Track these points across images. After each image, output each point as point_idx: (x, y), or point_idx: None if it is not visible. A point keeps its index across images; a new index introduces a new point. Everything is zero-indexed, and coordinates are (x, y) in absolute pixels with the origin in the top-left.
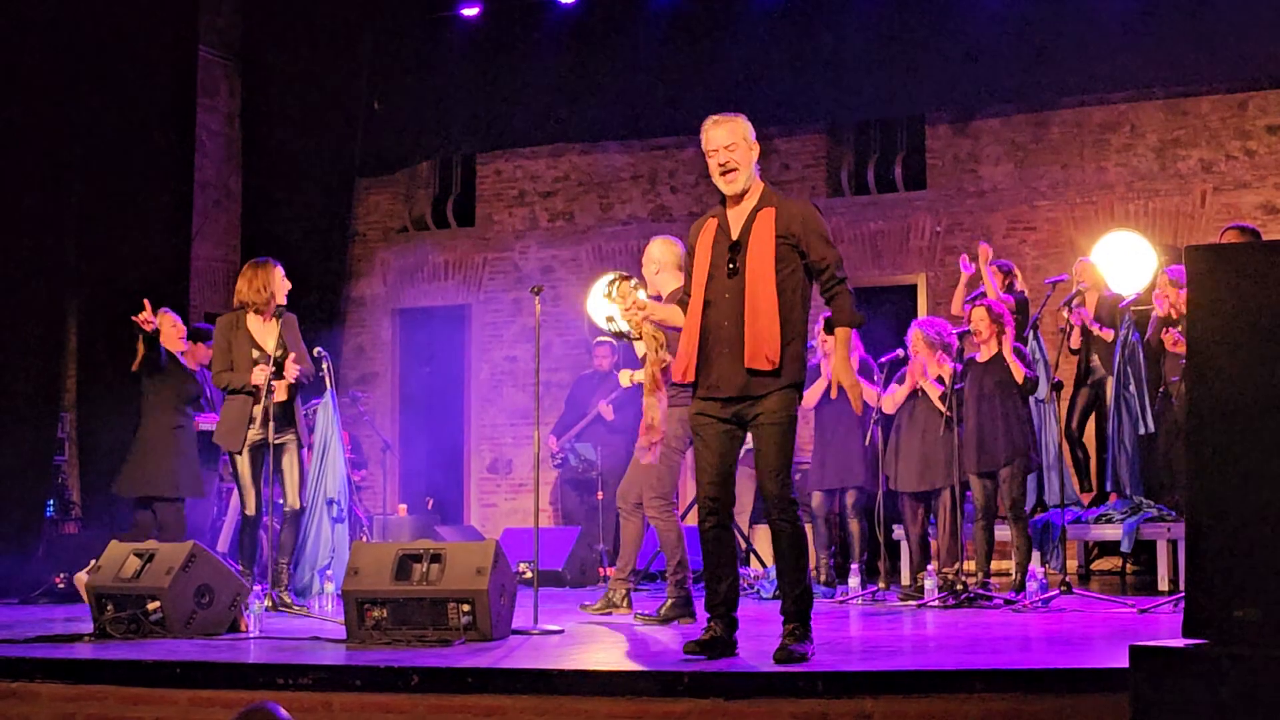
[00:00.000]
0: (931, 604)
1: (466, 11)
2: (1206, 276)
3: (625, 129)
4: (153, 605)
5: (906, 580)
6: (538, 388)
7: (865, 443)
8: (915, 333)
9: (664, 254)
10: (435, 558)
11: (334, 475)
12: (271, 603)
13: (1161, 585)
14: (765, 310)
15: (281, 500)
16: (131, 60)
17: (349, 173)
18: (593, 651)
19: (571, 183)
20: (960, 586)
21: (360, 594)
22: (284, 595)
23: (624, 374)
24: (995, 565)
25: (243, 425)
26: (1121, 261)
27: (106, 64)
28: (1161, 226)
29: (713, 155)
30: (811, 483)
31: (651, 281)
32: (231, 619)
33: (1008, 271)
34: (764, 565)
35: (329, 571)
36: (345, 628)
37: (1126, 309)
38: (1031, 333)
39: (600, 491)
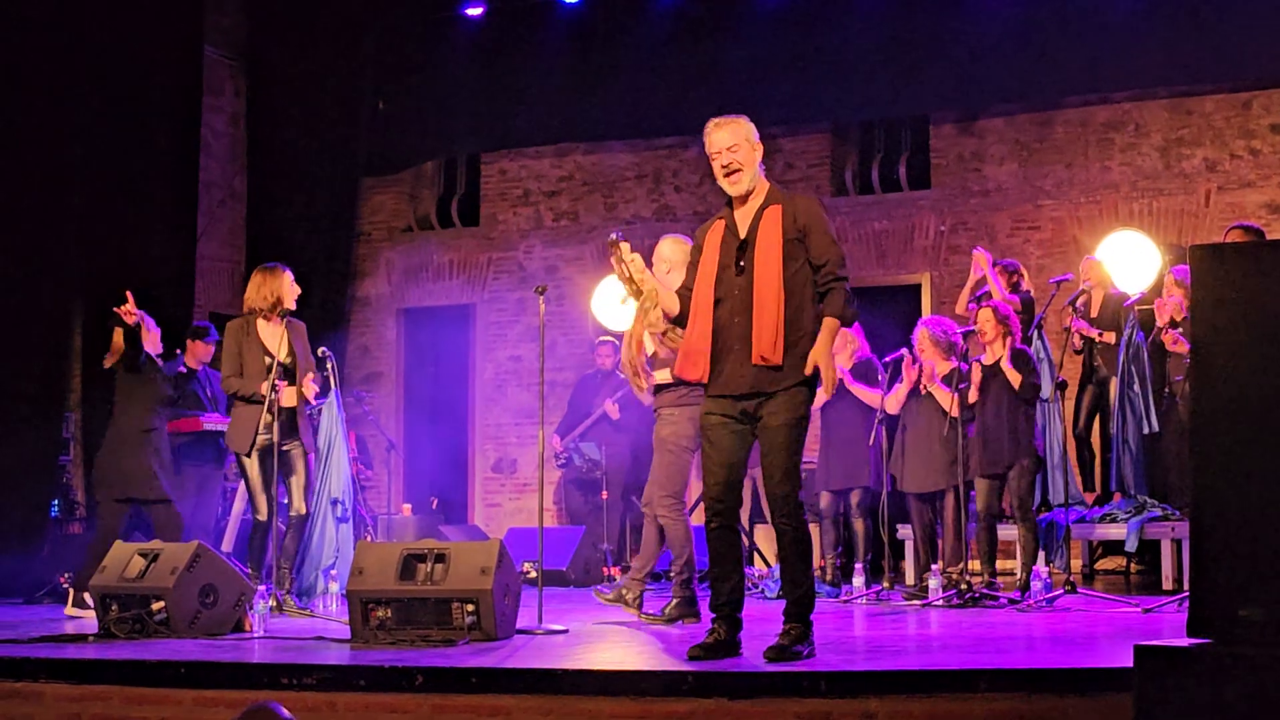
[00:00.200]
0: (936, 604)
1: (471, 11)
2: (1211, 276)
3: (629, 129)
4: (157, 605)
5: (911, 580)
6: (542, 387)
7: (870, 442)
8: (922, 332)
9: (675, 252)
10: (440, 557)
11: (338, 475)
12: (276, 603)
13: (1166, 585)
14: (771, 306)
15: (286, 501)
16: (136, 60)
17: (354, 172)
18: (597, 651)
19: (576, 182)
20: (965, 586)
21: (365, 594)
22: (286, 599)
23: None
24: (999, 565)
25: (252, 428)
26: (1126, 261)
27: (111, 64)
28: (1166, 226)
29: (716, 157)
30: (818, 483)
31: (663, 280)
32: (236, 619)
33: (1013, 271)
34: (768, 565)
35: (333, 571)
36: (350, 627)
37: (1131, 308)
38: (1036, 332)
39: (605, 491)
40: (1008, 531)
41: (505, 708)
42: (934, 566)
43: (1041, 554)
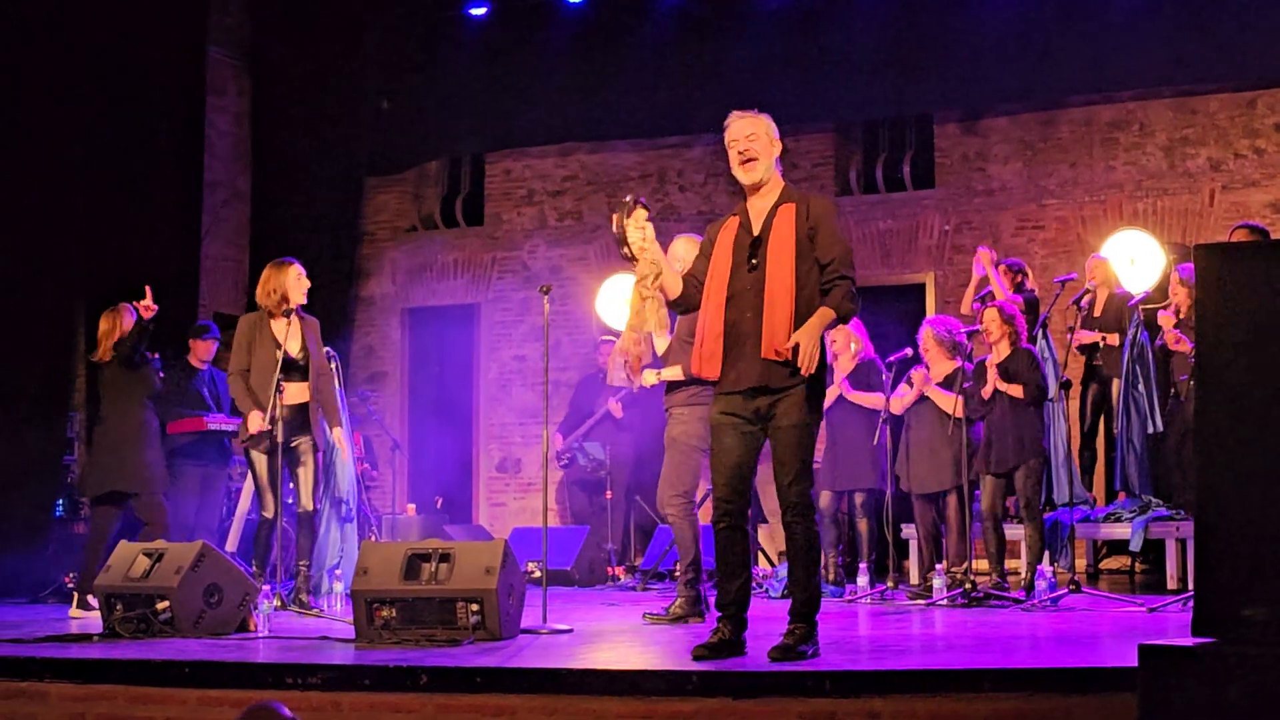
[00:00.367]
0: (940, 603)
1: (475, 11)
2: (1215, 275)
3: (634, 128)
4: (162, 605)
5: (915, 579)
6: (546, 387)
7: (874, 442)
8: (926, 331)
9: (688, 251)
10: (444, 557)
11: (343, 475)
12: (281, 601)
13: (1170, 584)
14: (783, 302)
15: (292, 501)
16: (140, 60)
17: (358, 172)
18: (601, 651)
19: (580, 182)
20: (969, 586)
21: (369, 593)
22: (302, 597)
23: (649, 374)
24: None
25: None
26: (1130, 260)
27: (115, 64)
28: (1170, 225)
29: (733, 145)
30: (821, 483)
31: None
32: (240, 618)
33: (1017, 270)
34: (772, 564)
35: (338, 571)
36: (354, 627)
37: (1135, 308)
38: (1041, 332)
39: (610, 490)
40: (1013, 531)
41: (510, 707)
42: (938, 566)
43: (1046, 553)
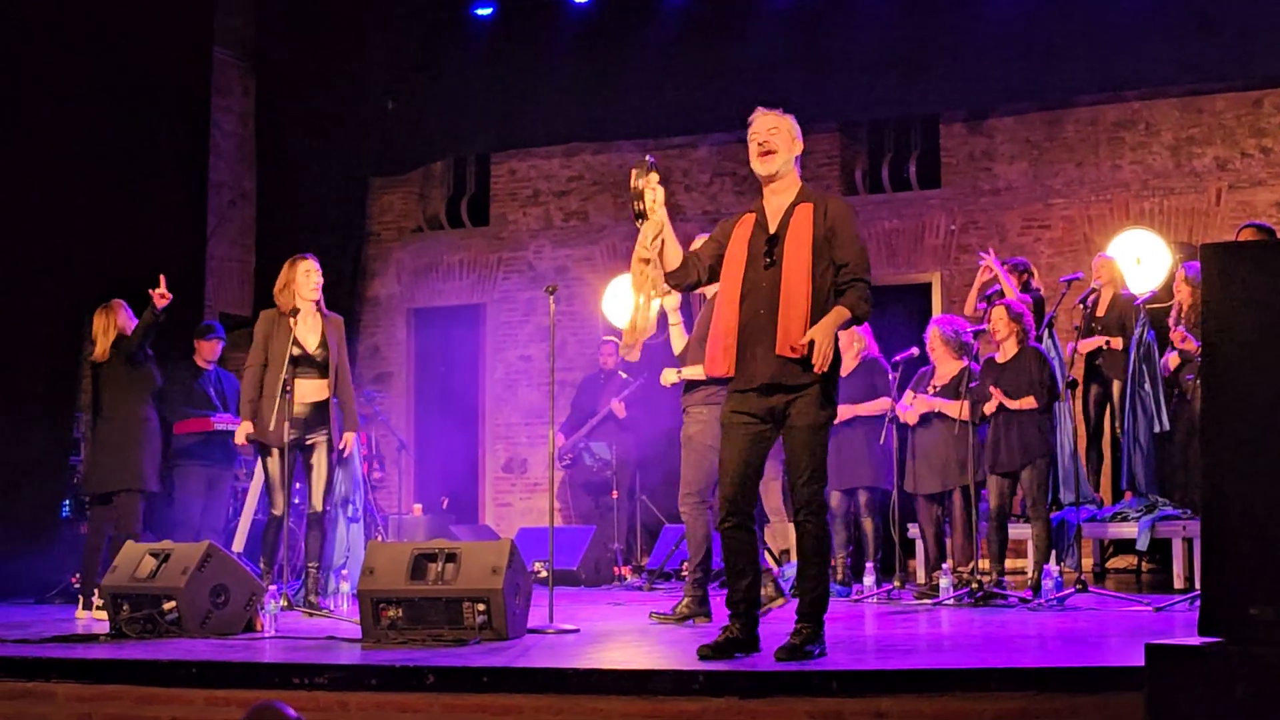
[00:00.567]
0: (947, 603)
1: (480, 11)
2: (1222, 275)
3: (639, 128)
4: (168, 605)
5: (922, 579)
6: (553, 387)
7: (881, 442)
8: (933, 330)
9: None
10: (450, 557)
11: (349, 475)
12: (306, 604)
13: (1177, 583)
14: (799, 301)
15: (299, 502)
16: (146, 61)
17: (363, 172)
18: (608, 651)
19: (586, 182)
20: (975, 585)
21: (376, 593)
22: (311, 598)
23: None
24: (1009, 564)
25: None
26: (1136, 260)
27: (120, 65)
28: (1176, 224)
29: (754, 137)
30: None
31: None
32: (247, 619)
33: (1023, 270)
34: (777, 563)
35: (344, 571)
36: (361, 627)
37: (1141, 307)
38: (1047, 331)
39: (615, 490)
40: (1019, 530)
41: (516, 707)
42: (944, 565)
43: (1053, 553)
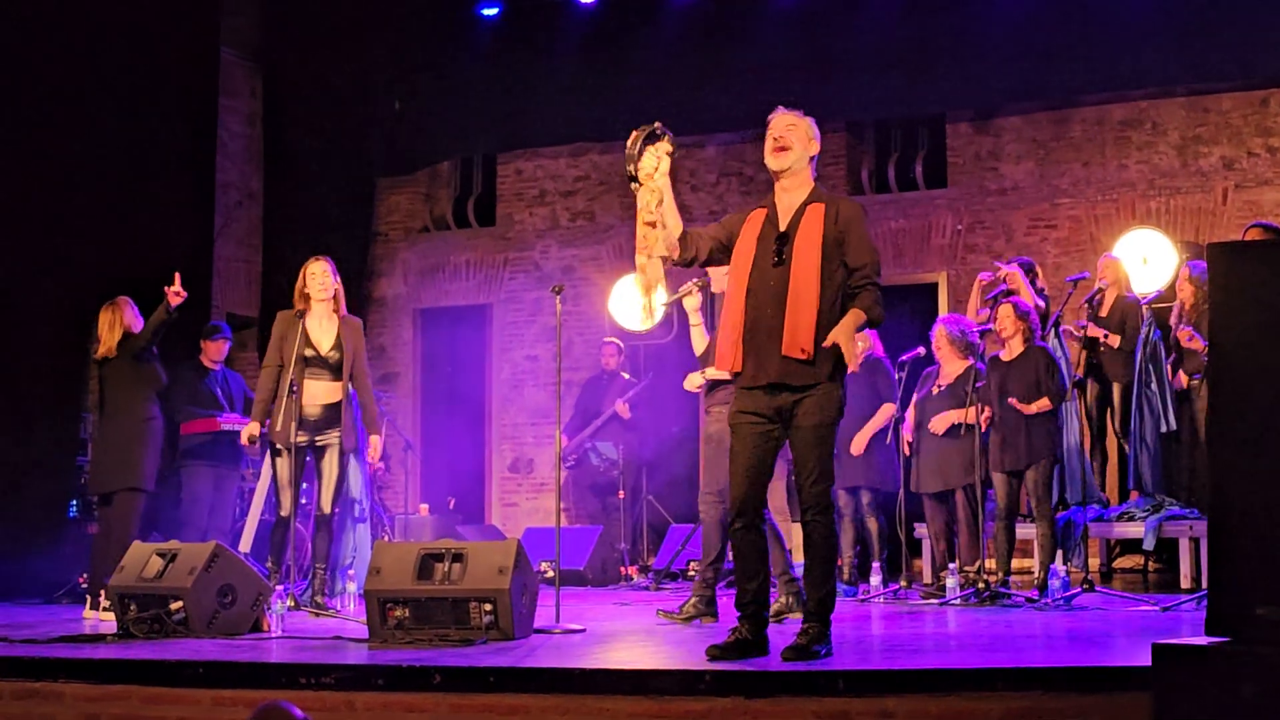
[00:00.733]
0: (953, 602)
1: (486, 11)
2: (1229, 274)
3: None
4: (175, 605)
5: (928, 579)
6: (559, 387)
7: (887, 442)
8: (939, 330)
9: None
10: (457, 557)
11: (355, 476)
12: (313, 605)
13: (1184, 583)
14: (807, 301)
15: (306, 502)
16: (153, 62)
17: (370, 172)
18: (614, 651)
19: (592, 182)
20: (982, 585)
21: (382, 593)
22: (318, 599)
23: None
24: (1016, 564)
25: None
26: (1143, 259)
27: (128, 66)
28: (1183, 224)
29: (770, 133)
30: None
31: (717, 279)
32: (254, 619)
33: (1027, 269)
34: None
35: (351, 571)
36: (367, 627)
37: (1148, 306)
38: (1053, 330)
39: (621, 490)
40: (1026, 530)
41: (523, 707)
42: (951, 565)
43: (1059, 553)
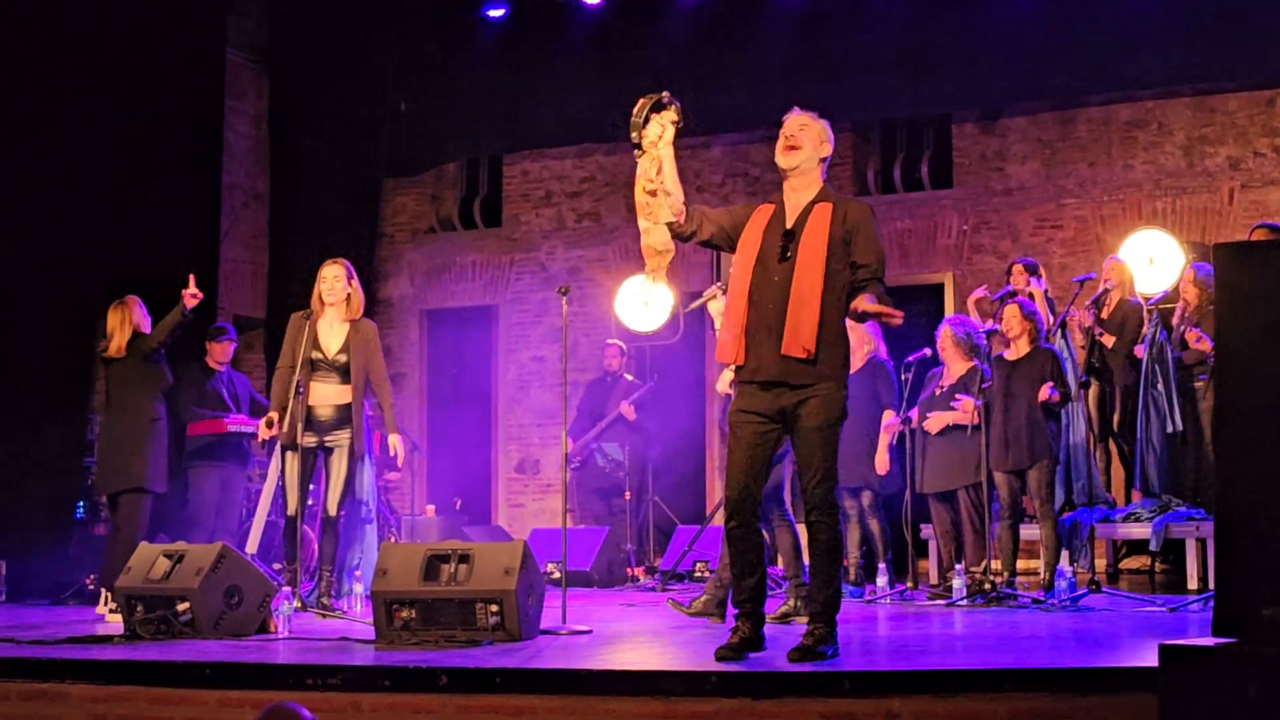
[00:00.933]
0: (959, 603)
1: (492, 12)
2: (1235, 275)
3: None
4: (182, 606)
5: (934, 580)
6: (565, 388)
7: (891, 442)
8: (944, 331)
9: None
10: (463, 558)
11: (362, 477)
12: (320, 606)
13: (1190, 584)
14: (810, 299)
15: (313, 503)
16: (159, 64)
17: (376, 174)
18: (621, 652)
19: (598, 183)
20: (988, 586)
21: (389, 594)
22: (324, 600)
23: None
24: (1022, 564)
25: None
26: (1149, 260)
27: (134, 67)
28: (1189, 224)
29: (782, 132)
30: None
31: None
32: (260, 620)
33: (1033, 269)
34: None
35: (357, 572)
36: (374, 628)
37: (1154, 307)
38: (1059, 331)
39: (628, 492)
40: (1031, 531)
41: (529, 708)
42: (957, 566)
43: (1066, 553)
